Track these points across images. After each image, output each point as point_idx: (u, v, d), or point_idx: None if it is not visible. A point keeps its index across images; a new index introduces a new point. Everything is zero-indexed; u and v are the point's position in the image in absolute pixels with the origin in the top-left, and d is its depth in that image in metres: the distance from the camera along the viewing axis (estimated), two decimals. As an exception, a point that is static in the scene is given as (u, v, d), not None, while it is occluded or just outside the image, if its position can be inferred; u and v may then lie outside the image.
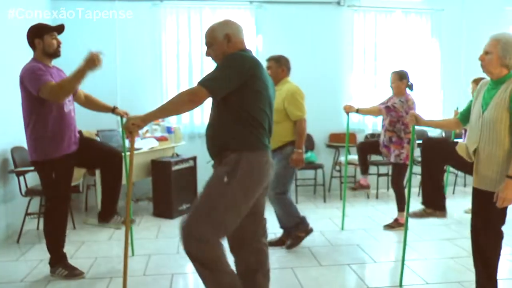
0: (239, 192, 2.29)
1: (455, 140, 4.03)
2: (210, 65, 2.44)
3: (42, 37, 3.14)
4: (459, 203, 5.49)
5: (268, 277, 2.59)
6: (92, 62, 2.98)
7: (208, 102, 2.39)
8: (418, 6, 6.50)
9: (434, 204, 3.06)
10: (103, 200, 3.50)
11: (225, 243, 2.37)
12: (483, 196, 2.70)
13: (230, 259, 2.43)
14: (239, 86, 2.28)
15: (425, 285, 3.28)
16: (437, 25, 6.56)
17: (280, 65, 3.91)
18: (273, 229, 4.27)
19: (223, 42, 2.41)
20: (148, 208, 5.46)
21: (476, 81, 4.66)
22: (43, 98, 3.03)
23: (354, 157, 5.94)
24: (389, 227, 4.66)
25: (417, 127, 3.28)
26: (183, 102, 2.26)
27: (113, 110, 3.61)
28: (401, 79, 4.55)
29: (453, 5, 6.59)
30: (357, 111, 4.52)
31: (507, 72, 2.68)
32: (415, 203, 3.32)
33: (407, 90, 4.59)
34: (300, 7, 6.24)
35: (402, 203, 4.55)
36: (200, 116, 6.10)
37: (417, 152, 6.29)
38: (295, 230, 3.98)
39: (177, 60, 6.05)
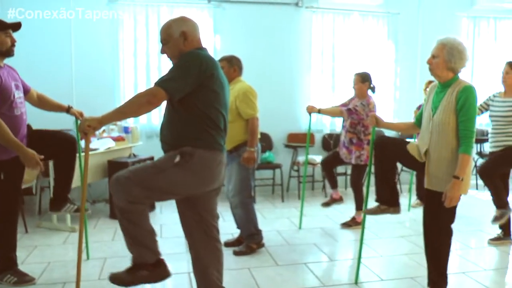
0: (181, 177, 2.30)
1: (407, 139, 4.12)
2: (168, 64, 2.40)
3: None
4: (415, 201, 5.64)
5: (221, 273, 2.60)
6: (32, 163, 2.94)
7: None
8: (375, 9, 6.64)
9: (388, 200, 3.13)
10: (55, 186, 3.36)
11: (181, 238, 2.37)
12: (434, 196, 2.79)
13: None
14: (197, 86, 2.26)
15: (380, 281, 3.35)
16: (393, 28, 6.72)
17: (232, 65, 3.91)
18: (231, 229, 4.27)
19: (179, 40, 2.38)
20: (105, 210, 5.34)
21: (430, 83, 4.81)
22: None
23: (312, 156, 6.02)
24: (346, 225, 4.74)
25: (376, 129, 3.34)
26: (141, 104, 2.21)
27: (68, 110, 3.48)
28: (363, 81, 4.61)
29: (409, 9, 6.77)
30: (319, 111, 4.55)
31: (453, 76, 2.78)
32: (373, 202, 3.36)
33: (369, 92, 4.66)
34: (259, 7, 6.25)
35: (360, 202, 4.65)
36: (158, 115, 6.02)
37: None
38: (249, 241, 3.94)
39: (134, 59, 5.96)
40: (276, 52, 6.36)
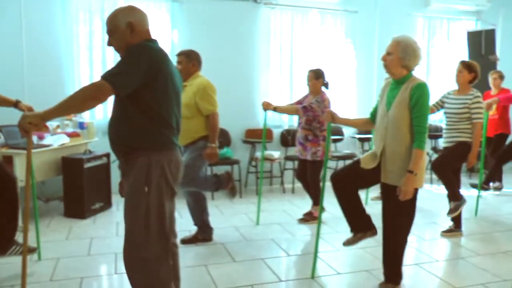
0: (160, 196, 2.24)
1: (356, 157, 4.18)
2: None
3: None
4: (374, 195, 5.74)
5: (178, 277, 2.52)
6: None
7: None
8: (333, 7, 6.71)
9: (362, 227, 3.11)
10: None
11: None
12: (390, 190, 2.84)
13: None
14: (146, 81, 2.14)
15: (337, 275, 3.39)
16: (351, 26, 6.82)
17: (191, 59, 3.85)
18: (187, 226, 4.23)
19: (126, 31, 2.26)
20: (59, 208, 5.17)
21: None
22: None
23: (270, 152, 6.05)
24: (303, 220, 4.78)
25: (332, 124, 3.37)
26: (85, 99, 2.07)
27: (16, 104, 3.32)
28: (317, 77, 4.65)
29: (367, 7, 6.89)
30: (275, 109, 4.51)
31: (407, 73, 2.84)
32: (331, 198, 3.38)
33: (323, 88, 4.70)
34: (217, 3, 6.19)
35: (317, 198, 4.69)
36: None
37: (333, 148, 6.57)
38: (197, 232, 4.02)
39: (89, 52, 5.80)
40: (234, 48, 6.32)
